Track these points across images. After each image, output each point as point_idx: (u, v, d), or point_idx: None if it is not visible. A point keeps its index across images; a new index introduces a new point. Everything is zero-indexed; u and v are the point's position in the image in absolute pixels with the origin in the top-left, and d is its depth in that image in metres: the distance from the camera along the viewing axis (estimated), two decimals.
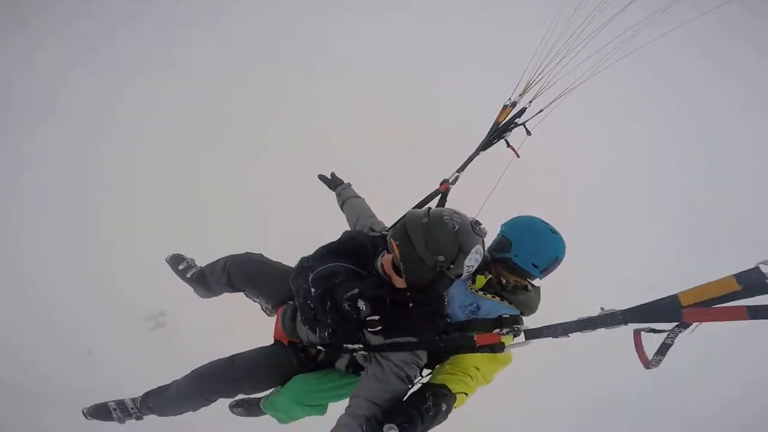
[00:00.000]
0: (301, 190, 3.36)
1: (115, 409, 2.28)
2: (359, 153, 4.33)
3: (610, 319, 1.25)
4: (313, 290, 1.88)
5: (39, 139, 4.25)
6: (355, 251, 1.97)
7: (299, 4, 5.46)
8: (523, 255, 1.95)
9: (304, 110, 4.89)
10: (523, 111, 2.43)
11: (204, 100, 4.78)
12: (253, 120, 4.84)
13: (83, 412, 2.30)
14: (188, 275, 2.67)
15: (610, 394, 4.48)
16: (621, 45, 2.01)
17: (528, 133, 2.45)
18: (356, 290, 1.79)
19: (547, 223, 2.02)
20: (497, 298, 1.97)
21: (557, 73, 2.30)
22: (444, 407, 1.67)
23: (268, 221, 4.11)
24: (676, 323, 1.25)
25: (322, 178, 2.78)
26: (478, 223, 1.74)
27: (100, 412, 2.30)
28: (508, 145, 2.48)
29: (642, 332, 1.39)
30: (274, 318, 2.37)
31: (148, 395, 2.29)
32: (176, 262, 2.70)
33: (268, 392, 2.31)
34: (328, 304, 1.84)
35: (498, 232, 2.11)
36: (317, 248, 2.02)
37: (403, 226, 1.73)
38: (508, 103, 2.46)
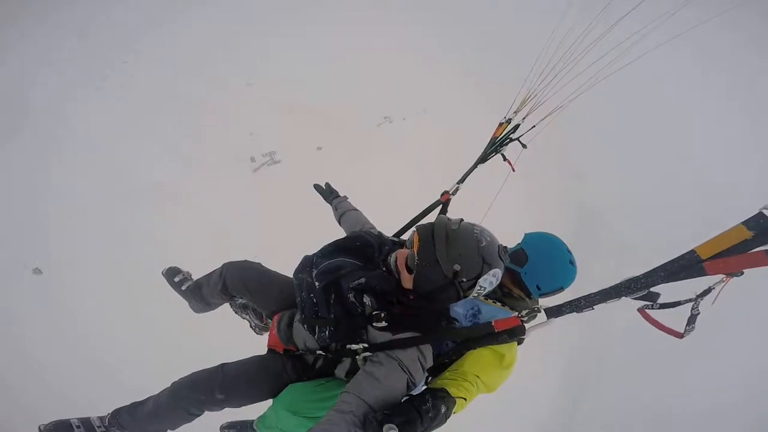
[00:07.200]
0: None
1: (78, 426, 2.02)
2: (356, 162, 4.43)
3: (633, 284, 1.24)
4: (317, 283, 1.84)
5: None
6: (362, 249, 1.95)
7: None
8: (533, 275, 1.97)
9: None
10: (517, 127, 2.59)
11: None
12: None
13: (39, 429, 2.02)
14: (183, 288, 2.59)
15: None
16: (608, 64, 2.20)
17: (523, 146, 2.59)
18: (363, 279, 1.76)
19: (570, 253, 2.01)
20: (498, 304, 1.96)
21: (548, 93, 2.49)
22: (443, 409, 1.61)
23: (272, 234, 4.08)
24: (696, 294, 1.29)
25: (317, 188, 2.80)
26: (505, 250, 1.73)
27: (60, 429, 2.02)
28: (505, 159, 2.60)
29: (647, 309, 1.40)
30: (265, 335, 2.29)
31: (118, 411, 2.07)
32: (172, 274, 2.63)
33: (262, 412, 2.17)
34: (332, 296, 1.80)
35: (519, 241, 2.09)
36: (323, 246, 2.00)
37: (431, 225, 1.72)
38: (503, 120, 2.62)
